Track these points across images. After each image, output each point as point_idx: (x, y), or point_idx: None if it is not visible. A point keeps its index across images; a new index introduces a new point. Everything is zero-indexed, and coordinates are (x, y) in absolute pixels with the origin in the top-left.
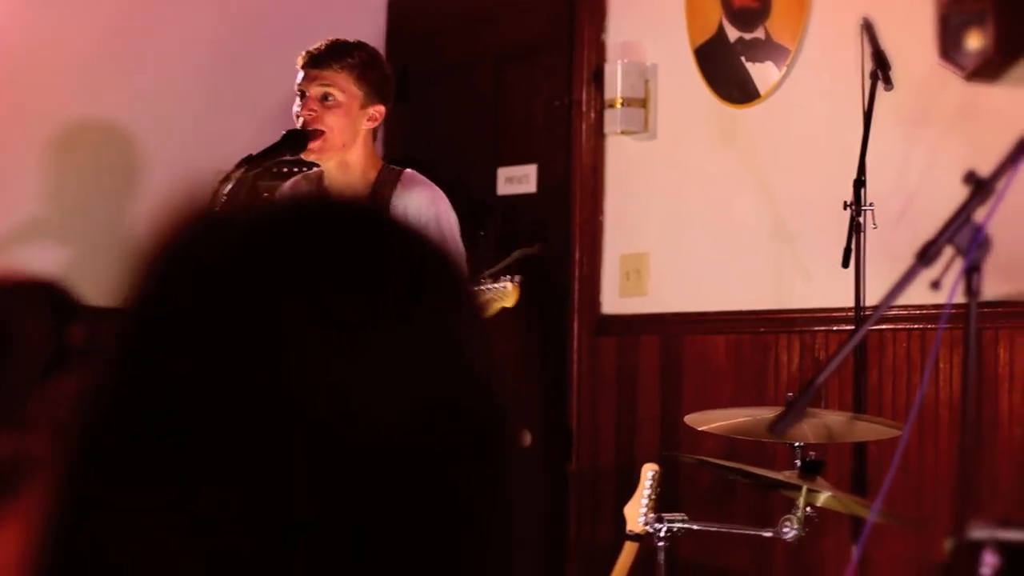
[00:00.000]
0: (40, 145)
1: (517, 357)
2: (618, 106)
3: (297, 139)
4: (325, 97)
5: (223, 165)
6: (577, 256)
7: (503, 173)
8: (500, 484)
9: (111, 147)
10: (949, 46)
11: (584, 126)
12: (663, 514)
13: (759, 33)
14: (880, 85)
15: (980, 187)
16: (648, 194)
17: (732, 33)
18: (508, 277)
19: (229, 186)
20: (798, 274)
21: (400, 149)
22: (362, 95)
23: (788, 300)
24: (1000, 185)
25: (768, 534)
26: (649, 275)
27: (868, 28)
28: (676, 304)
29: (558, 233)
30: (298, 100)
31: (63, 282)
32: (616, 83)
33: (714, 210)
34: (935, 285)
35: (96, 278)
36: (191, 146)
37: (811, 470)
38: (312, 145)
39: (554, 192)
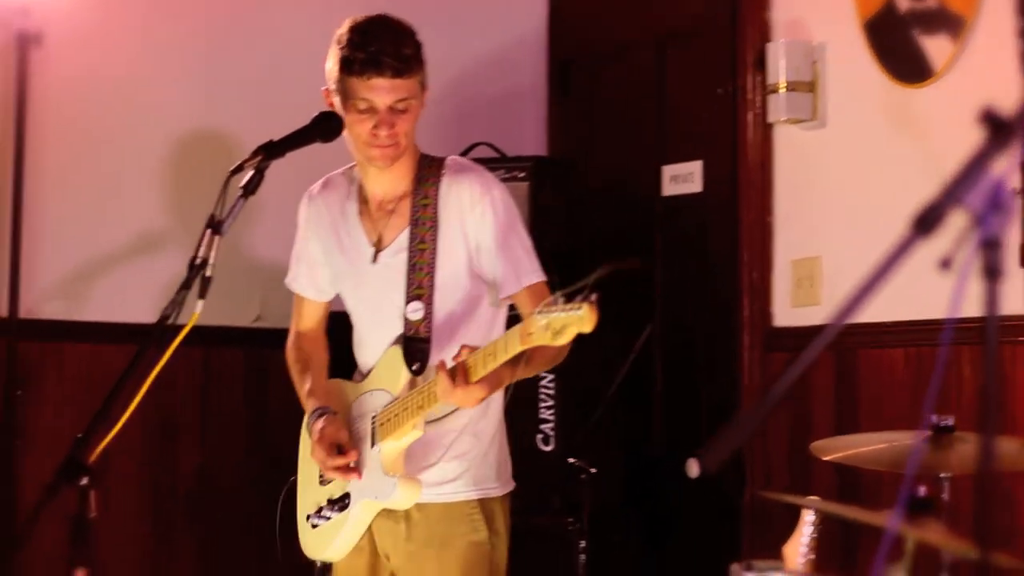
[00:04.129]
0: (158, 158)
1: None
2: (781, 91)
3: (331, 124)
4: (396, 105)
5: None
6: (745, 262)
7: (668, 171)
8: None
9: (227, 156)
10: None
11: (750, 116)
12: (754, 561)
13: (931, 2)
14: None
15: (1000, 130)
16: (819, 190)
17: (903, 3)
18: (583, 296)
19: (247, 177)
20: (980, 277)
21: (562, 147)
22: (421, 88)
23: (973, 307)
24: None
25: None
26: (822, 282)
27: None
28: (853, 314)
29: (724, 236)
30: (343, 102)
31: None
32: (779, 65)
33: (889, 206)
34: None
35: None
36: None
37: (919, 509)
38: (390, 152)
39: (720, 191)
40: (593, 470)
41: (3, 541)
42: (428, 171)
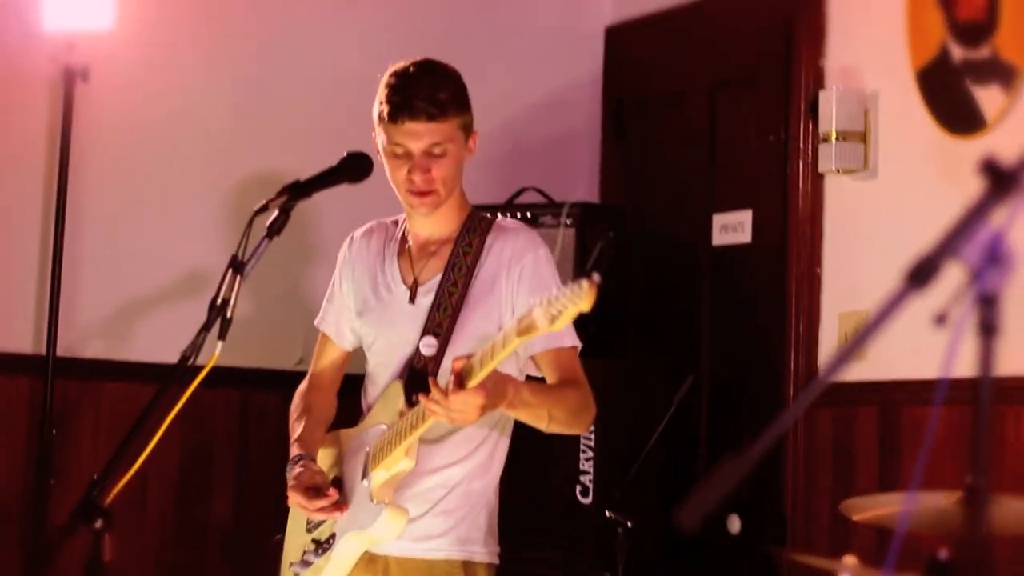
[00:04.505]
0: (204, 196)
1: None
2: (833, 140)
3: (360, 165)
4: (432, 150)
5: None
6: (793, 315)
7: (718, 220)
8: None
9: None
10: None
11: (801, 165)
12: None
13: (985, 51)
14: None
15: (1001, 181)
16: (868, 243)
17: (956, 52)
18: (584, 275)
19: (271, 217)
20: None
21: (616, 193)
22: (463, 134)
23: (1016, 366)
24: None
25: None
26: None
27: None
28: (897, 370)
29: (772, 288)
30: (385, 150)
31: None
32: (831, 113)
33: None
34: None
35: (248, 332)
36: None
37: (940, 574)
38: (429, 200)
39: (770, 241)
40: (629, 524)
41: None
42: (477, 223)
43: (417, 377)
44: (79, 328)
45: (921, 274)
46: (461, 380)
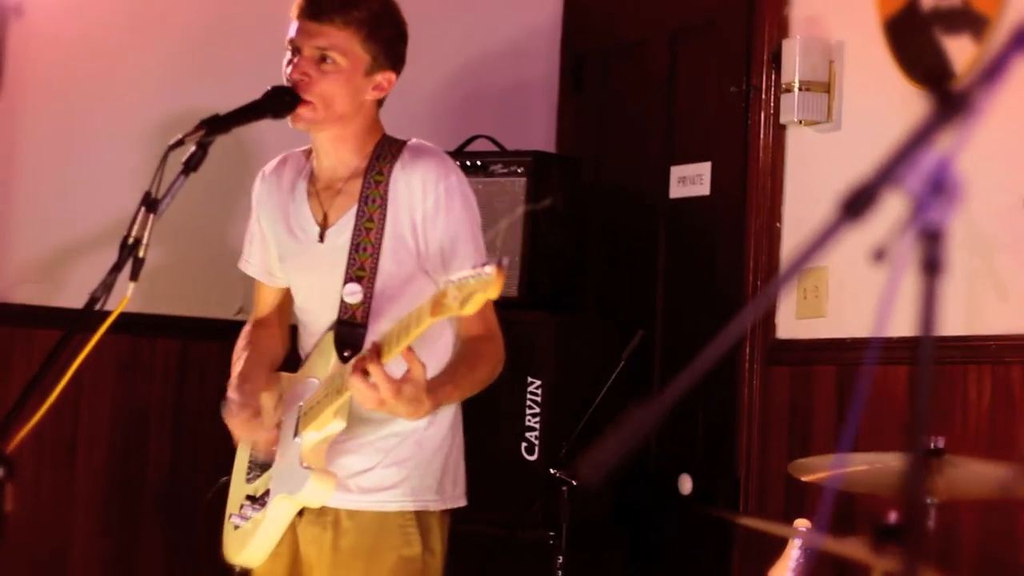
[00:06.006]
0: (141, 138)
1: None
2: (795, 91)
3: (283, 99)
4: (323, 59)
5: None
6: (751, 270)
7: (676, 172)
8: None
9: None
10: None
11: (762, 116)
12: None
13: (955, 0)
14: None
15: (949, 102)
16: (830, 197)
17: (926, 1)
18: (491, 259)
19: (188, 153)
20: (993, 292)
21: (573, 144)
22: (369, 59)
23: (980, 324)
24: (981, 100)
25: None
26: (828, 293)
27: None
28: (856, 328)
29: (731, 242)
30: (288, 55)
31: None
32: (794, 63)
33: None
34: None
35: (187, 280)
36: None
37: (887, 537)
38: (301, 112)
39: (729, 194)
40: (574, 483)
41: None
42: (386, 150)
43: (347, 330)
44: (10, 272)
45: (857, 203)
46: (378, 353)
